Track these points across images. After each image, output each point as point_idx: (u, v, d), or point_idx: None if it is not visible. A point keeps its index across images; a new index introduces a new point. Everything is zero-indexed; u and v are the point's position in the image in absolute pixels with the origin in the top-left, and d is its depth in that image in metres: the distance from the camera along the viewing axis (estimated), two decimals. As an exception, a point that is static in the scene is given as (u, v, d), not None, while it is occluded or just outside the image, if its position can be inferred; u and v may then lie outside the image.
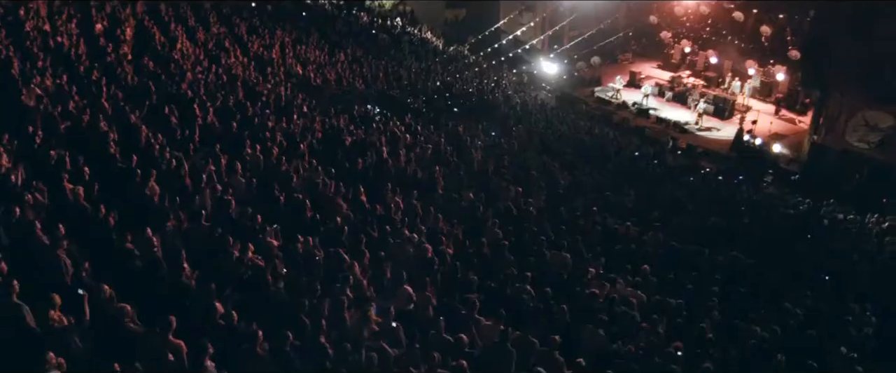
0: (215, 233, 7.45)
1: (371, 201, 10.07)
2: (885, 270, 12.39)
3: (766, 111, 25.08)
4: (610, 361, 6.77)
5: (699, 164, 20.77)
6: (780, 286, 10.40)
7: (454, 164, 13.20)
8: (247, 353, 5.40)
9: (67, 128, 10.04)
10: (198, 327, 5.67)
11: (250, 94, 14.97)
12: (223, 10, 22.97)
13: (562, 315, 7.36)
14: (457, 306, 7.06)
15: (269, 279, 6.66)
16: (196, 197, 8.41)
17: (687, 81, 27.04)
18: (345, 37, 25.70)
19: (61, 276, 6.02)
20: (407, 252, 8.38)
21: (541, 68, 29.56)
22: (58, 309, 5.15)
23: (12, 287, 5.31)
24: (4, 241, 6.29)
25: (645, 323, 7.82)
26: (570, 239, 10.34)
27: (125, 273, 6.53)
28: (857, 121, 20.06)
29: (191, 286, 6.25)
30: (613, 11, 29.54)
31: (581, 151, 18.06)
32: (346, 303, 6.34)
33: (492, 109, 20.17)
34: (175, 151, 9.94)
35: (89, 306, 5.43)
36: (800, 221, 15.50)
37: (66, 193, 7.76)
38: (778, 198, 18.03)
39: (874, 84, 19.52)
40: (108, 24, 17.33)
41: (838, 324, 9.01)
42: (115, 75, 13.44)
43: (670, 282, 9.54)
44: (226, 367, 5.19)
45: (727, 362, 7.44)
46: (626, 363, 6.67)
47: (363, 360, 5.57)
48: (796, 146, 22.33)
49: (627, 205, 13.62)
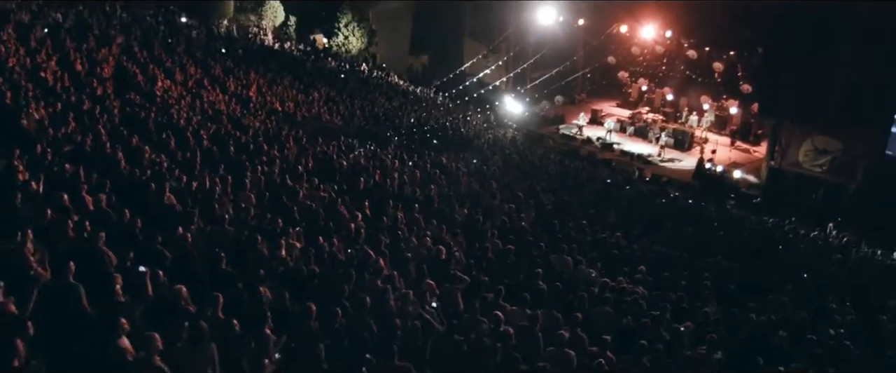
0: (242, 234, 7.62)
1: (375, 215, 10.36)
2: (855, 273, 13.20)
3: (723, 143, 26.50)
4: (628, 337, 7.13)
5: (666, 190, 21.67)
6: (764, 284, 11.03)
7: (445, 185, 13.58)
8: (300, 328, 5.57)
9: (72, 149, 10.11)
10: (246, 309, 5.82)
11: (238, 126, 15.19)
12: (196, 54, 23.25)
13: (581, 301, 7.72)
14: (484, 295, 7.34)
15: (303, 271, 6.85)
16: (215, 204, 8.56)
17: (647, 117, 28.36)
18: (316, 79, 26.18)
19: (106, 267, 6.11)
20: (422, 254, 8.66)
21: (505, 108, 30.53)
22: (121, 287, 5.27)
23: (68, 268, 5.42)
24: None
25: (653, 311, 8.24)
26: (566, 246, 10.77)
27: (160, 269, 6.64)
28: (808, 146, 21.41)
29: (233, 275, 6.39)
30: (573, 53, 30.94)
31: (556, 179, 18.68)
32: (384, 287, 6.58)
33: (467, 142, 20.76)
34: (180, 172, 10.09)
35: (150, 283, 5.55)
36: (769, 234, 16.35)
37: (85, 201, 7.85)
38: (743, 218, 18.95)
39: (821, 111, 20.98)
40: (87, 63, 17.44)
41: (823, 312, 9.62)
42: (104, 106, 13.53)
43: (667, 279, 10.02)
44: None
45: (732, 340, 7.88)
46: (643, 339, 7.02)
47: (409, 330, 5.80)
48: (755, 172, 23.57)
49: (610, 220, 14.19)
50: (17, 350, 4.16)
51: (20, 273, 5.36)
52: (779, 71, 22.34)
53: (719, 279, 10.77)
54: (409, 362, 5.20)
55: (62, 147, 10.03)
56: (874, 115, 20.61)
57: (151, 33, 23.57)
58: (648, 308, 8.37)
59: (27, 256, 5.52)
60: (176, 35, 24.51)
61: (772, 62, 23.49)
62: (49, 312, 5.12)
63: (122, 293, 5.28)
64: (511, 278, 8.65)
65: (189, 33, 25.86)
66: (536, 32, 30.31)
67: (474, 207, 12.34)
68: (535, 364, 5.59)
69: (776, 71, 22.54)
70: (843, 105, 20.67)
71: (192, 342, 4.83)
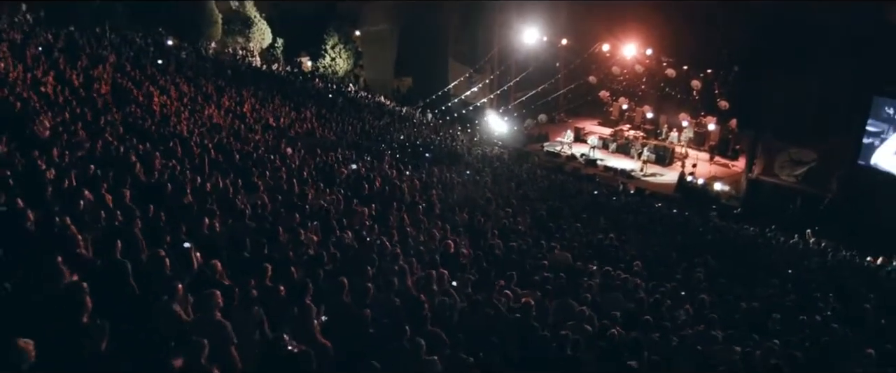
0: (264, 226, 7.95)
1: (381, 217, 10.72)
2: (835, 272, 13.83)
3: (703, 158, 27.31)
4: (634, 318, 7.55)
5: (651, 202, 22.28)
6: (751, 278, 11.57)
7: (443, 193, 14.00)
8: (335, 303, 5.91)
9: (85, 153, 10.37)
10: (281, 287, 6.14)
11: (239, 137, 15.50)
12: (187, 73, 23.56)
13: (590, 288, 8.15)
14: (497, 283, 7.74)
15: (325, 258, 7.20)
16: (236, 199, 8.88)
17: (628, 134, 29.15)
18: (305, 98, 26.58)
19: (138, 252, 6.41)
20: (432, 248, 9.04)
21: (490, 126, 31.17)
22: (169, 261, 5.59)
23: (116, 246, 5.72)
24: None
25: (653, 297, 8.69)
26: (563, 245, 11.22)
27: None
28: (785, 157, 22.26)
29: (260, 260, 6.70)
30: (555, 73, 31.78)
31: (546, 190, 19.20)
32: (403, 269, 6.95)
33: (458, 156, 21.24)
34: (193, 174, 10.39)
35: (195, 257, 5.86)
36: (752, 239, 16.98)
37: (106, 200, 8.12)
38: (726, 226, 19.59)
39: (796, 124, 21.90)
40: (84, 79, 17.69)
41: (809, 301, 10.16)
42: (108, 118, 13.79)
43: (662, 273, 10.49)
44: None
45: (729, 320, 8.35)
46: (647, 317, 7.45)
47: (436, 304, 6.17)
48: (735, 184, 24.35)
49: (601, 225, 14.69)
50: (86, 306, 4.44)
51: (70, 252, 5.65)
52: (756, 87, 23.29)
53: (709, 274, 11.28)
54: (440, 330, 5.57)
55: (76, 151, 10.30)
56: (846, 126, 21.56)
57: (142, 54, 23.89)
58: (647, 296, 8.82)
59: (76, 236, 5.81)
60: (165, 56, 24.82)
61: (749, 78, 24.46)
62: (99, 286, 5.41)
63: (169, 265, 5.59)
64: (518, 270, 9.04)
65: (178, 54, 26.20)
66: (520, 52, 31.11)
67: (473, 211, 12.77)
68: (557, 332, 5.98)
69: (753, 87, 23.49)
70: (817, 118, 21.65)
71: (243, 306, 5.15)
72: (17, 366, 3.62)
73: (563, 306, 7.26)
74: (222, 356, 4.45)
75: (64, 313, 4.36)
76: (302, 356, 4.40)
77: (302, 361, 4.38)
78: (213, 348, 4.24)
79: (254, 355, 4.74)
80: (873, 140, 21.13)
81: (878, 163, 21.06)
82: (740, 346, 7.01)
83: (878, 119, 20.97)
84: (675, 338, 6.95)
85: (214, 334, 4.51)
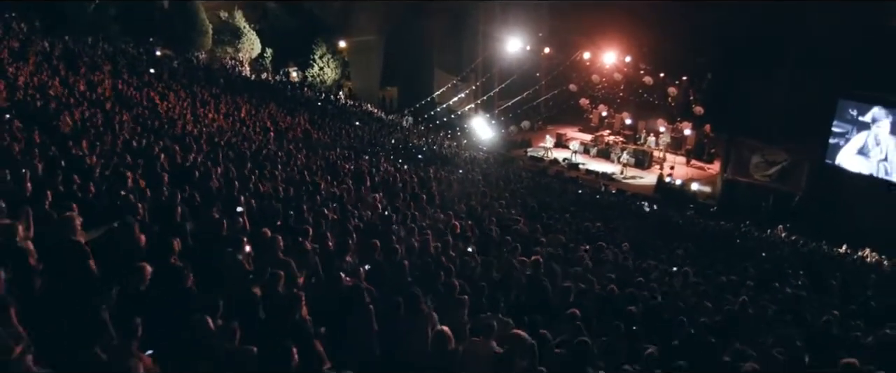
0: (288, 207, 8.72)
1: (389, 205, 11.52)
2: (804, 257, 14.90)
3: (680, 161, 28.50)
4: (626, 280, 8.43)
5: (631, 200, 23.34)
6: (728, 261, 12.56)
7: (440, 187, 14.83)
8: (369, 258, 6.70)
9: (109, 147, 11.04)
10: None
11: (243, 138, 16.21)
12: (182, 81, 24.18)
13: (584, 259, 9.03)
14: (502, 253, 8.58)
15: (349, 227, 7.99)
16: (260, 185, 9.62)
17: (608, 139, 30.30)
18: (296, 105, 27.31)
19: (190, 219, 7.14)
20: (440, 228, 9.85)
21: (475, 132, 32.14)
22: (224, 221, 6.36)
23: (175, 211, 6.48)
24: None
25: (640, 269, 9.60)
26: (556, 230, 12.11)
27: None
28: (758, 158, 23.50)
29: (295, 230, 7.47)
30: (537, 81, 32.90)
31: (533, 189, 20.13)
32: (421, 238, 7.77)
33: (448, 159, 22.10)
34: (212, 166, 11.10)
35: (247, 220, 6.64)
36: (728, 231, 18.05)
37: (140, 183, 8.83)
38: (703, 222, 20.67)
39: (768, 126, 23.17)
40: (86, 85, 18.27)
41: (781, 276, 11.16)
42: (120, 118, 14.43)
43: (648, 253, 11.42)
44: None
45: (710, 287, 9.28)
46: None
47: (458, 262, 6.99)
48: (711, 185, 25.54)
49: (588, 217, 15.61)
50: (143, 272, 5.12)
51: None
52: (729, 92, 24.57)
53: (690, 256, 12.25)
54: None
55: (101, 144, 10.97)
56: (815, 127, 22.89)
57: (136, 62, 24.50)
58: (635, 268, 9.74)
59: (137, 205, 6.54)
60: (157, 65, 25.44)
61: (722, 84, 25.76)
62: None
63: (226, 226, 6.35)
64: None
65: (170, 64, 26.82)
66: (503, 61, 32.19)
67: (470, 202, 13.60)
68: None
69: (726, 92, 24.77)
70: (787, 120, 22.94)
71: (297, 251, 5.94)
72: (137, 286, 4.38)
73: (562, 270, 8.12)
74: (292, 286, 5.22)
75: (155, 258, 5.11)
76: (355, 290, 5.19)
77: (355, 293, 5.16)
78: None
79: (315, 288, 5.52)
80: (838, 140, 22.45)
81: (842, 162, 22.38)
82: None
83: (843, 120, 22.32)
84: (659, 296, 7.83)
85: (281, 268, 5.29)
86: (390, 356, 4.89)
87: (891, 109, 20.99)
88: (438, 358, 4.53)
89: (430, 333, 4.85)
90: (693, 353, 5.58)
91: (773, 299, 8.64)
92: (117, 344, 3.75)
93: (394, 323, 4.99)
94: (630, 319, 6.17)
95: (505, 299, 6.28)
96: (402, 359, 4.85)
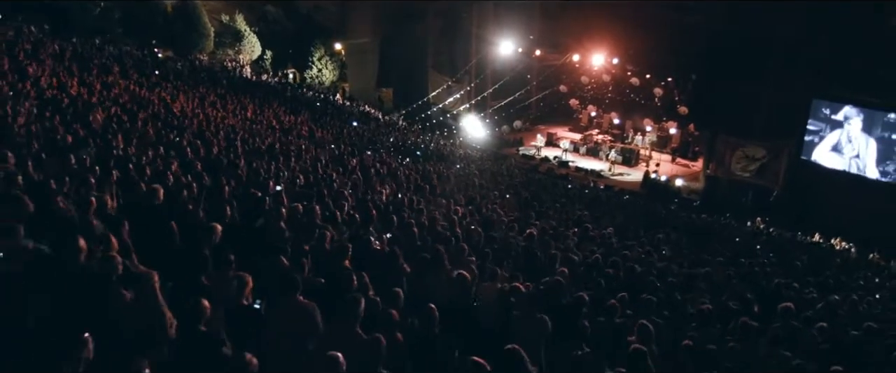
0: (312, 191, 9.80)
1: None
2: (777, 243, 16.13)
3: (665, 160, 29.78)
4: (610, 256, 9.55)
5: (619, 194, 24.53)
6: (705, 246, 13.74)
7: (439, 181, 15.94)
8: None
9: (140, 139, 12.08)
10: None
11: (255, 134, 17.23)
12: (188, 82, 25.17)
13: (571, 237, 10.17)
14: (502, 229, 9.70)
15: (369, 205, 9.07)
16: (283, 172, 10.69)
17: (597, 138, 31.54)
18: (297, 105, 28.35)
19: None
20: (444, 212, 10.96)
21: (469, 132, 33.29)
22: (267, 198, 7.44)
23: (223, 186, 7.55)
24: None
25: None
26: (547, 217, 13.25)
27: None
28: (739, 154, 24.79)
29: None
30: (528, 82, 34.11)
31: (525, 184, 21.28)
32: (434, 216, 8.87)
33: (445, 156, 23.21)
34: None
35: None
36: (708, 222, 19.27)
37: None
38: (687, 215, 21.90)
39: (749, 124, 24.47)
40: (102, 86, 19.25)
41: (752, 255, 12.36)
42: (141, 116, 15.43)
43: (629, 236, 12.57)
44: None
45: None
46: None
47: (464, 233, 8.11)
48: (695, 181, 26.80)
49: (577, 208, 16.78)
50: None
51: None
52: (711, 92, 25.86)
53: (670, 240, 13.42)
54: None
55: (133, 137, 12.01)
56: (792, 125, 24.22)
57: (142, 65, 25.47)
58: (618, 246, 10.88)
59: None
60: (159, 67, 26.40)
61: (705, 85, 27.06)
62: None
63: (268, 203, 7.43)
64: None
65: (174, 65, 27.79)
66: (496, 63, 33.36)
67: (468, 193, 14.73)
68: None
69: (709, 92, 26.07)
70: (767, 118, 24.27)
71: (330, 222, 7.07)
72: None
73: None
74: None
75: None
76: (386, 253, 6.28)
77: (386, 255, 6.25)
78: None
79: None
80: (813, 138, 23.78)
81: (818, 159, 23.70)
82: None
83: (817, 119, 23.67)
84: (637, 265, 8.97)
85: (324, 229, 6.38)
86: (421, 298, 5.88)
87: (861, 108, 22.34)
88: (459, 297, 5.56)
89: (450, 278, 5.88)
90: (661, 302, 6.71)
91: (737, 273, 9.80)
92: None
93: (421, 274, 6.04)
94: (611, 278, 7.29)
95: (505, 263, 7.40)
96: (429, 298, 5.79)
